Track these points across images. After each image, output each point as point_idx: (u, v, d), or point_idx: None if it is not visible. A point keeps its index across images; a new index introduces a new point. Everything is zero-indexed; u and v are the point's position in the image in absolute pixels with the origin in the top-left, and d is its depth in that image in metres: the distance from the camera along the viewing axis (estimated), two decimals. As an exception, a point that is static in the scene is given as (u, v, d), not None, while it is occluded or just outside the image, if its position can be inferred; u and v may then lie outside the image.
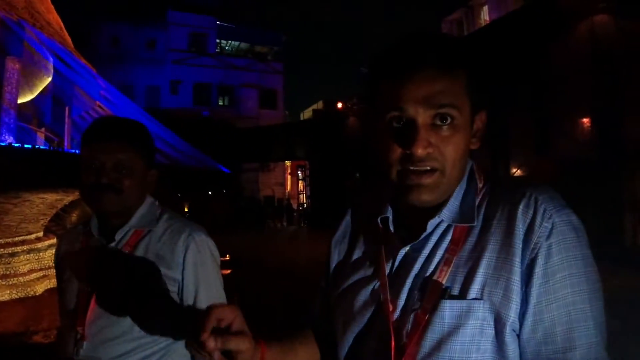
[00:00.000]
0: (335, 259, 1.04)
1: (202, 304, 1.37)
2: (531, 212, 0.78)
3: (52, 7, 9.76)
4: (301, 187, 30.91)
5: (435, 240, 0.84)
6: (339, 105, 23.44)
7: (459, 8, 20.87)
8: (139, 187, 1.39)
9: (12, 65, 8.44)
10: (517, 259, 0.77)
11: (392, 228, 0.90)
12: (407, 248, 0.86)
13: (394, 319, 0.83)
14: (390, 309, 0.84)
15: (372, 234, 0.95)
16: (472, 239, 0.82)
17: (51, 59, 9.72)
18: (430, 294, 0.80)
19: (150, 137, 1.45)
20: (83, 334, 1.29)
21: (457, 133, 0.81)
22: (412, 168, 0.80)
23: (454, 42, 0.85)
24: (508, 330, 0.76)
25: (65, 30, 10.09)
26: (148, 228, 1.40)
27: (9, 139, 8.35)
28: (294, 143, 24.41)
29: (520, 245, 0.77)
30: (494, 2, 18.12)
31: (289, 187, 31.91)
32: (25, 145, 8.03)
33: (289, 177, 32.09)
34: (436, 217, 0.83)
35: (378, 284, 0.88)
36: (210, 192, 24.35)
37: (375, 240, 0.93)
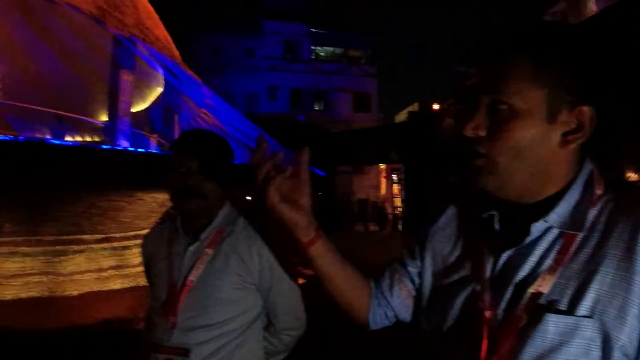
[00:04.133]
0: (430, 249, 1.00)
1: (276, 299, 1.53)
2: None
3: (160, 23, 10.58)
4: (396, 191, 30.39)
5: (544, 248, 0.78)
6: (435, 106, 22.82)
7: (562, -2, 19.29)
8: (219, 191, 1.53)
9: (126, 78, 9.31)
10: (638, 278, 0.70)
11: (497, 226, 0.85)
12: (511, 251, 0.80)
13: (490, 326, 0.78)
14: (488, 315, 0.79)
15: (473, 232, 0.91)
16: (586, 250, 0.75)
17: (161, 71, 10.54)
18: (533, 305, 0.75)
19: (226, 147, 1.59)
20: (174, 322, 1.44)
21: (517, 121, 0.77)
22: (465, 151, 0.80)
23: (529, 29, 0.81)
24: (617, 353, 0.69)
25: (172, 44, 10.90)
26: (230, 228, 1.53)
27: (125, 144, 9.19)
28: (388, 146, 24.15)
29: None
30: (603, -10, 16.52)
31: (383, 191, 31.51)
32: (139, 150, 8.75)
33: (383, 180, 31.72)
34: (541, 221, 0.78)
35: (477, 286, 0.84)
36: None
37: (476, 240, 0.89)
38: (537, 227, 0.78)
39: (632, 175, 11.90)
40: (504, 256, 0.81)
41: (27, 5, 8.95)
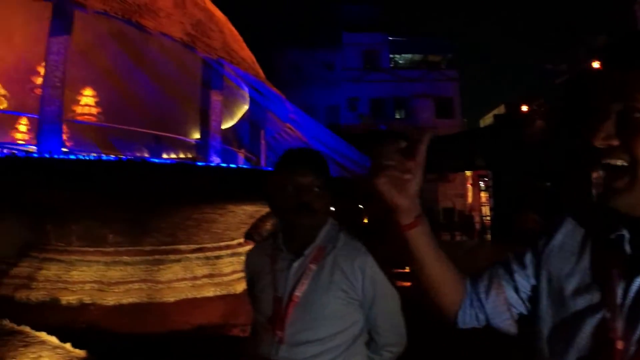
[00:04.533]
0: (545, 269, 0.92)
1: (378, 315, 1.55)
2: None
3: (244, 45, 11.10)
4: (484, 199, 29.07)
5: None
6: (523, 108, 21.69)
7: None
8: (326, 207, 1.58)
9: (216, 98, 9.82)
10: None
11: (628, 249, 0.77)
12: None
13: (623, 358, 0.73)
14: (620, 346, 0.73)
15: (598, 253, 0.83)
16: None
17: (247, 90, 10.99)
18: None
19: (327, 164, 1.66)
20: (281, 337, 1.48)
21: None
22: (599, 163, 0.75)
23: None
24: None
25: (257, 64, 11.37)
26: (332, 244, 1.57)
27: (217, 160, 9.64)
28: (473, 152, 23.29)
29: None
30: None
31: (470, 199, 30.36)
32: (231, 165, 9.12)
33: (470, 187, 30.56)
34: None
35: (607, 314, 0.77)
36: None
37: (603, 262, 0.81)
38: None
39: None
40: (638, 281, 0.74)
41: (124, 36, 9.75)
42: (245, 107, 12.62)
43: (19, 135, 11.91)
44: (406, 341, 1.63)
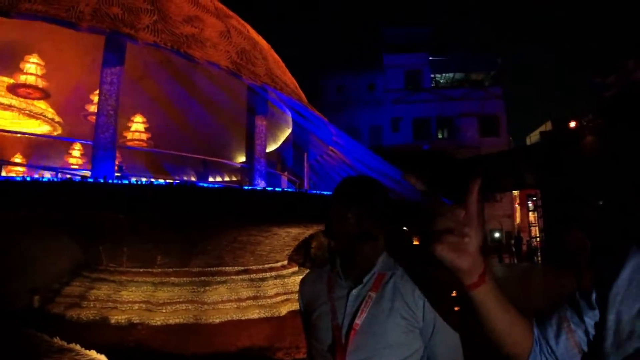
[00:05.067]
0: (614, 308, 0.86)
1: (438, 343, 1.51)
2: None
3: (287, 70, 11.34)
4: (532, 219, 28.02)
5: None
6: (572, 124, 20.99)
7: None
8: (385, 235, 1.58)
9: (260, 122, 10.05)
10: None
11: None
12: None
13: None
14: None
15: None
16: None
17: (290, 114, 11.18)
18: None
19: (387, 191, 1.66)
20: None
21: None
22: None
23: None
24: None
25: (299, 88, 11.57)
26: (391, 272, 1.57)
27: (262, 183, 9.75)
28: (520, 170, 22.58)
29: None
30: None
31: (518, 220, 29.37)
32: (276, 189, 9.14)
33: (517, 208, 29.60)
34: None
35: None
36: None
37: None
38: None
39: None
40: None
41: (172, 65, 10.18)
42: (289, 131, 12.83)
43: (72, 160, 12.60)
44: None
